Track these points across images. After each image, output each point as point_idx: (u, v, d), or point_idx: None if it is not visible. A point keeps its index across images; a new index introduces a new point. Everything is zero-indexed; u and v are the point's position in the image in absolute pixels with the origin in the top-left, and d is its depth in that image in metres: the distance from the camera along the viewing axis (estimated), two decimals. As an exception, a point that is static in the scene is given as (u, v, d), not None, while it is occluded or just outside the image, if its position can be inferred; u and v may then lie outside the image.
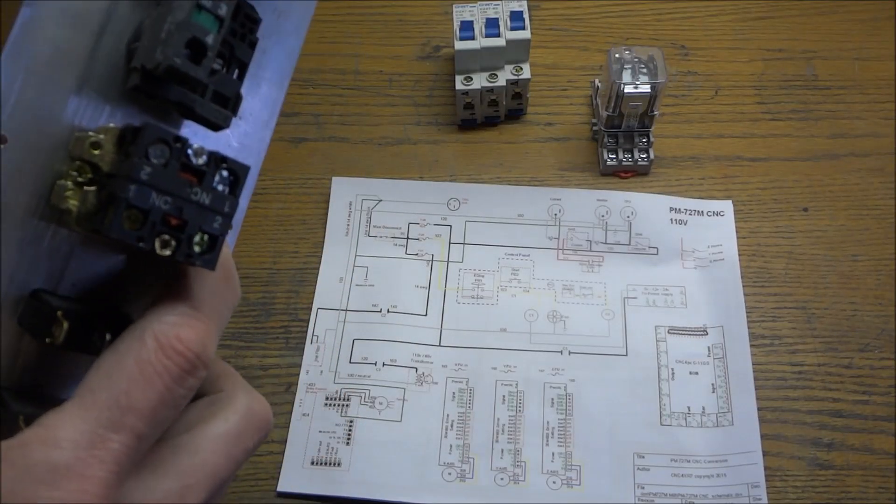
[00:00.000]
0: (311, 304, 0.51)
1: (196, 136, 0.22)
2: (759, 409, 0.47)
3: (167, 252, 0.21)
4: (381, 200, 0.55)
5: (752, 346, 0.49)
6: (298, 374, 0.49)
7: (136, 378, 0.19)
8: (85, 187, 0.21)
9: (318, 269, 0.52)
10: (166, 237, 0.20)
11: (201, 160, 0.21)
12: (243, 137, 0.26)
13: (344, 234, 0.54)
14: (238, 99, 0.23)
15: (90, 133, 0.21)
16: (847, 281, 0.51)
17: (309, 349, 0.49)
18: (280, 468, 0.45)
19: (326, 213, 0.54)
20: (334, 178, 0.55)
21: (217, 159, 0.21)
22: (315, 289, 0.52)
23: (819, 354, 0.49)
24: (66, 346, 0.21)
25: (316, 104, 0.60)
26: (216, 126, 0.22)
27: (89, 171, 0.21)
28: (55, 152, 0.21)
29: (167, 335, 0.20)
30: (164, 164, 0.20)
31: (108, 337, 0.21)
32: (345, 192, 0.55)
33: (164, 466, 0.21)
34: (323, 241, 0.53)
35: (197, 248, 0.21)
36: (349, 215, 0.54)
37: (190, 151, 0.21)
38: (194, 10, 0.20)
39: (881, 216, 0.54)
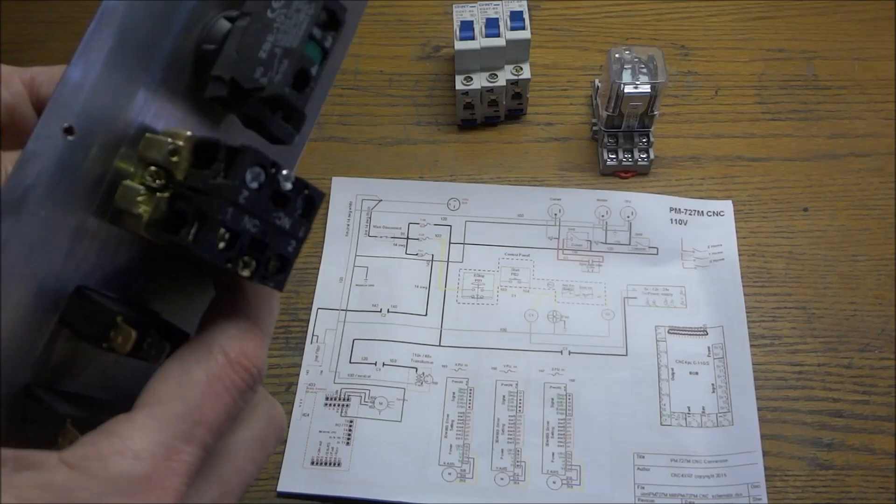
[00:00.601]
0: (311, 304, 0.51)
1: (243, 137, 0.22)
2: (759, 409, 0.47)
3: (246, 273, 0.21)
4: (381, 200, 0.55)
5: (752, 346, 0.49)
6: (298, 374, 0.49)
7: (206, 392, 0.20)
8: (157, 193, 0.20)
9: (318, 269, 0.52)
10: (247, 258, 0.21)
11: (288, 185, 0.21)
12: None
13: (344, 234, 0.53)
14: (302, 117, 0.22)
15: (168, 140, 0.20)
16: (847, 281, 0.51)
17: (309, 349, 0.49)
18: (280, 468, 0.45)
19: (326, 213, 0.54)
20: (334, 178, 0.55)
21: (300, 185, 0.21)
22: (315, 289, 0.52)
23: (819, 354, 0.49)
24: (128, 354, 0.21)
25: (316, 104, 0.60)
26: (280, 141, 0.22)
27: (164, 176, 0.21)
28: (117, 148, 0.20)
29: (234, 350, 0.21)
30: (258, 188, 0.20)
31: (167, 347, 0.21)
32: (345, 192, 0.55)
33: (207, 474, 0.21)
34: (323, 241, 0.53)
35: (271, 270, 0.21)
36: (349, 215, 0.54)
37: (280, 177, 0.20)
38: (307, 40, 0.20)
39: (881, 216, 0.54)
